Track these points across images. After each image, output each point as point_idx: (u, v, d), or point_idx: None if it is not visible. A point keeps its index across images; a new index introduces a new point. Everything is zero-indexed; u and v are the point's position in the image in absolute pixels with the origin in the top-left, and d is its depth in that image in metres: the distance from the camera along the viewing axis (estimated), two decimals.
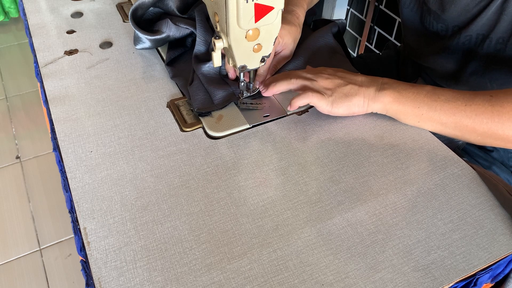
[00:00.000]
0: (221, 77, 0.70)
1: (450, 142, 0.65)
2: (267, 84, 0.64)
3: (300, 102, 0.60)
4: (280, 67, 0.71)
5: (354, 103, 0.59)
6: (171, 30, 0.73)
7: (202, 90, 0.67)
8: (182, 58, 0.75)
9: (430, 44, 0.76)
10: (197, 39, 0.72)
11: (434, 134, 0.63)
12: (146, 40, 0.74)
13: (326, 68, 0.64)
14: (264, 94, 0.65)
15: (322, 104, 0.59)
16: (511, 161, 0.75)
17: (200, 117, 0.64)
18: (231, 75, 0.69)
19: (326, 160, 0.59)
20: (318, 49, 0.75)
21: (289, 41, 0.69)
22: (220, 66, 0.70)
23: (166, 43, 0.77)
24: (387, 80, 0.60)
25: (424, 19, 0.74)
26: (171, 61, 0.74)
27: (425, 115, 0.58)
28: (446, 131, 0.58)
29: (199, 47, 0.72)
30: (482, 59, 0.69)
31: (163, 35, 0.73)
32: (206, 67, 0.69)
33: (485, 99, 0.55)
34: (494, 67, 0.68)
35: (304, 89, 0.61)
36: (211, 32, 0.74)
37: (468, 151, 0.76)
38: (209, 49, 0.72)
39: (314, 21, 0.85)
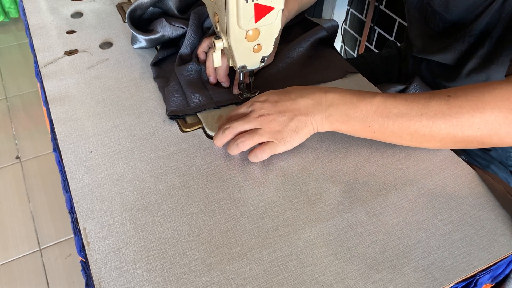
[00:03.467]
0: (201, 81, 0.69)
1: None
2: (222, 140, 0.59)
3: (257, 160, 0.57)
4: (261, 70, 0.70)
5: (303, 134, 0.56)
6: (165, 30, 0.73)
7: (179, 92, 0.66)
8: (170, 59, 0.75)
9: (434, 43, 0.76)
10: (185, 40, 0.72)
11: None
12: (142, 39, 0.74)
13: (262, 103, 0.57)
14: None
15: (277, 150, 0.56)
16: (510, 160, 0.75)
17: (200, 117, 0.64)
18: (212, 79, 0.68)
19: (326, 160, 0.58)
20: (298, 56, 0.74)
21: None
22: (201, 70, 0.69)
23: (163, 43, 0.77)
24: (331, 100, 0.55)
25: (429, 20, 0.74)
26: (160, 62, 0.74)
27: (378, 132, 0.54)
28: (403, 143, 0.55)
29: (184, 49, 0.72)
30: (482, 57, 0.69)
31: (157, 35, 0.73)
32: (187, 69, 0.68)
33: (442, 101, 0.51)
34: (491, 64, 0.68)
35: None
36: (201, 36, 0.74)
37: (466, 150, 0.76)
38: (193, 55, 0.71)
39: (302, 22, 0.85)
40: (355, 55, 1.87)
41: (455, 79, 0.74)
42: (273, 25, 0.56)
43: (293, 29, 0.82)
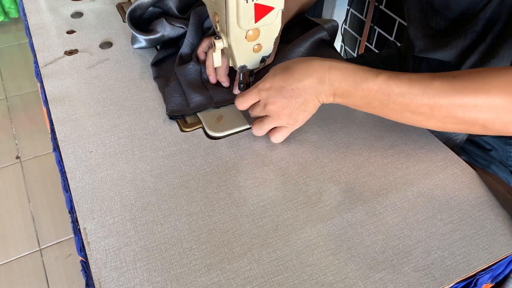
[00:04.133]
0: (201, 81, 0.69)
1: (448, 140, 0.64)
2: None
3: (276, 142, 0.60)
4: (261, 70, 0.70)
5: (313, 109, 0.57)
6: (165, 30, 0.73)
7: (179, 92, 0.66)
8: (170, 59, 0.75)
9: (436, 42, 0.76)
10: (185, 40, 0.72)
11: (433, 133, 0.63)
12: (142, 39, 0.74)
13: (268, 91, 0.57)
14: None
15: (289, 131, 0.59)
16: (510, 160, 0.75)
17: (200, 117, 0.64)
18: (212, 79, 0.68)
19: (326, 160, 0.58)
20: (298, 56, 0.74)
21: None
22: (201, 70, 0.69)
23: (163, 43, 0.77)
24: (334, 77, 0.55)
25: (430, 19, 0.74)
26: (160, 61, 0.74)
27: (378, 109, 0.54)
28: (403, 120, 0.55)
29: (185, 49, 0.72)
30: (483, 52, 0.69)
31: (157, 35, 0.73)
32: (187, 69, 0.68)
33: (446, 81, 0.50)
34: (492, 59, 0.68)
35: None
36: (201, 36, 0.74)
37: (466, 150, 0.76)
38: (193, 55, 0.71)
39: (302, 22, 0.85)
40: (355, 55, 1.87)
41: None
42: (273, 25, 0.56)
43: (293, 29, 0.82)
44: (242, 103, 0.59)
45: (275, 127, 0.59)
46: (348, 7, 1.79)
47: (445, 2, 0.69)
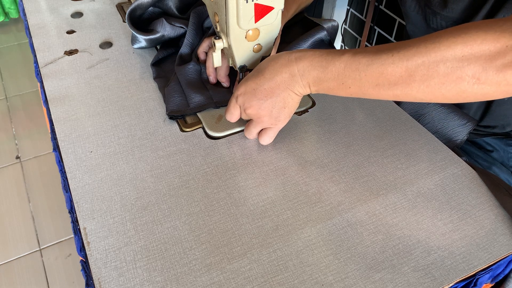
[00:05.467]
0: (201, 81, 0.69)
1: (448, 141, 0.64)
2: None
3: (265, 143, 0.60)
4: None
5: (294, 105, 0.56)
6: (165, 30, 0.73)
7: (179, 92, 0.66)
8: (170, 59, 0.75)
9: None
10: (185, 40, 0.72)
11: (434, 134, 0.63)
12: (142, 39, 0.74)
13: (240, 96, 0.57)
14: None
15: (276, 131, 0.59)
16: (511, 161, 0.75)
17: (200, 117, 0.64)
18: (212, 79, 0.68)
19: (326, 160, 0.58)
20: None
21: None
22: (201, 70, 0.69)
23: (163, 43, 0.77)
24: (302, 68, 0.53)
25: (430, 21, 0.74)
26: (160, 61, 0.74)
27: (354, 87, 0.51)
28: (382, 94, 0.50)
29: (185, 49, 0.72)
30: None
31: (157, 35, 0.73)
32: (187, 69, 0.68)
33: (418, 40, 0.46)
34: None
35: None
36: (201, 36, 0.74)
37: (467, 151, 0.76)
38: (193, 55, 0.71)
39: (302, 21, 0.85)
40: None
41: None
42: (273, 25, 0.56)
43: (293, 28, 0.82)
44: (230, 117, 0.59)
45: (262, 130, 0.59)
46: (348, 7, 1.79)
47: (443, 3, 0.69)
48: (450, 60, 0.43)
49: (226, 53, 0.61)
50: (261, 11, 0.53)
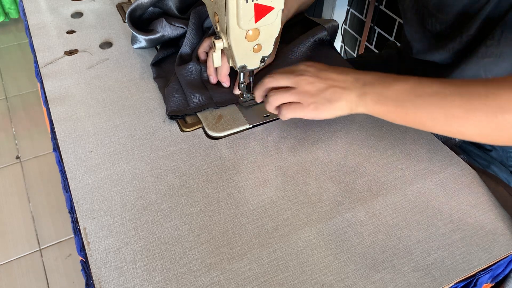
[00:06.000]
0: (201, 81, 0.69)
1: (447, 140, 0.64)
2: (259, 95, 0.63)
3: (283, 119, 0.59)
4: (263, 68, 0.70)
5: (337, 108, 0.57)
6: (165, 30, 0.73)
7: (179, 92, 0.66)
8: (170, 59, 0.75)
9: (432, 44, 0.76)
10: (185, 40, 0.72)
11: (434, 134, 0.63)
12: (142, 39, 0.74)
13: (308, 66, 0.59)
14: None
15: (304, 113, 0.57)
16: (510, 160, 0.75)
17: (200, 117, 0.64)
18: (213, 79, 0.68)
19: (326, 160, 0.58)
20: (298, 56, 0.74)
21: None
22: (201, 70, 0.69)
23: (163, 43, 0.77)
24: (370, 79, 0.55)
25: (426, 22, 0.74)
26: (160, 61, 0.74)
27: (411, 113, 0.52)
28: (437, 126, 0.52)
29: (185, 49, 0.72)
30: (480, 53, 0.68)
31: (157, 35, 0.73)
32: (187, 69, 0.68)
33: (479, 83, 0.48)
34: (488, 60, 0.67)
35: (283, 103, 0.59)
36: (201, 36, 0.74)
37: (466, 150, 0.76)
38: (193, 55, 0.71)
39: (302, 21, 0.85)
40: (355, 55, 1.87)
41: (452, 73, 0.74)
42: (273, 25, 0.56)
43: (293, 28, 0.82)
44: (272, 82, 0.59)
45: (288, 103, 0.58)
46: (348, 7, 1.79)
47: (439, 4, 0.69)
48: (508, 112, 0.46)
49: (226, 53, 0.61)
50: (261, 11, 0.53)
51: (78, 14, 0.87)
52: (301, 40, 0.75)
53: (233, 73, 0.68)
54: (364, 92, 0.55)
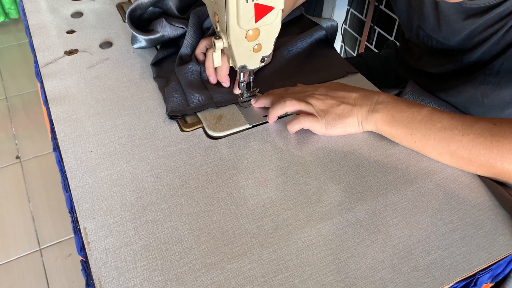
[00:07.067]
0: (201, 81, 0.69)
1: None
2: (259, 103, 0.65)
3: (295, 127, 0.60)
4: (261, 69, 0.70)
5: (348, 124, 0.58)
6: (165, 30, 0.73)
7: (179, 92, 0.66)
8: (170, 59, 0.75)
9: (431, 59, 0.75)
10: (185, 41, 0.72)
11: None
12: (142, 39, 0.74)
13: (318, 86, 0.62)
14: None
15: (316, 127, 0.59)
16: None
17: (200, 117, 0.64)
18: (212, 80, 0.68)
19: (326, 160, 0.59)
20: (298, 56, 0.74)
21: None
22: (201, 70, 0.69)
23: (163, 43, 0.77)
24: (383, 99, 0.57)
25: (425, 41, 0.73)
26: (160, 61, 0.74)
27: (418, 143, 0.56)
28: (442, 159, 0.56)
29: (184, 49, 0.72)
30: (478, 80, 0.67)
31: (157, 35, 0.73)
32: (187, 69, 0.68)
33: (486, 127, 0.51)
34: (486, 86, 0.66)
35: (298, 112, 0.61)
36: (200, 36, 0.74)
37: None
38: (193, 55, 0.71)
39: (300, 20, 0.84)
40: (355, 55, 1.87)
41: (448, 90, 0.73)
42: (273, 25, 0.56)
43: (290, 26, 0.82)
44: (291, 107, 0.61)
45: (298, 115, 0.60)
46: (348, 7, 1.79)
47: (436, 28, 0.68)
48: (507, 164, 0.50)
49: (226, 53, 0.61)
50: (261, 11, 0.53)
51: (78, 14, 0.87)
52: (300, 39, 0.75)
53: (233, 73, 0.68)
54: (375, 110, 0.57)
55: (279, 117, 0.64)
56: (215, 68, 0.67)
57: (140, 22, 0.76)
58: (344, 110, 0.58)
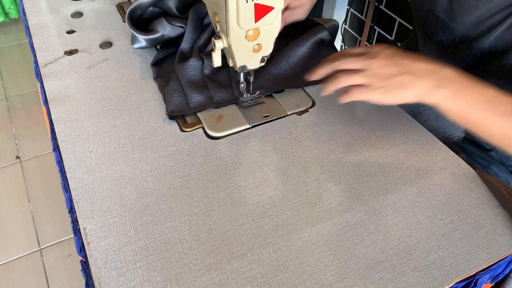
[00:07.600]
0: (202, 78, 0.68)
1: (446, 139, 0.64)
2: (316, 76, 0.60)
3: (347, 100, 0.56)
4: (261, 69, 0.70)
5: (408, 94, 0.55)
6: (165, 30, 0.73)
7: (179, 91, 0.66)
8: (170, 59, 0.75)
9: (441, 54, 0.75)
10: (185, 36, 0.72)
11: (431, 131, 0.63)
12: (142, 39, 0.74)
13: (382, 49, 0.57)
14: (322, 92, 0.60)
15: (370, 97, 0.55)
16: (510, 160, 0.75)
17: (200, 117, 0.64)
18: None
19: (326, 160, 0.58)
20: (298, 55, 0.74)
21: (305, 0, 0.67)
22: (202, 65, 0.69)
23: (163, 42, 0.77)
24: (448, 74, 0.54)
25: (428, 28, 0.73)
26: (160, 61, 0.74)
27: (475, 123, 0.54)
28: (493, 140, 0.54)
29: (185, 44, 0.72)
30: (490, 72, 0.67)
31: (157, 35, 0.73)
32: (187, 66, 0.68)
33: None
34: (499, 81, 0.66)
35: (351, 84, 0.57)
36: (200, 31, 0.74)
37: (466, 150, 0.76)
38: (194, 49, 0.71)
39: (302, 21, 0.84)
40: None
41: None
42: (273, 25, 0.56)
43: (293, 28, 0.82)
44: (342, 64, 0.56)
45: (355, 86, 0.55)
46: (348, 7, 1.79)
47: (449, 10, 0.67)
48: None
49: (226, 53, 0.61)
50: (261, 11, 0.53)
51: (78, 14, 0.87)
52: (302, 40, 0.75)
53: (233, 73, 0.68)
54: (440, 85, 0.54)
55: (276, 118, 0.64)
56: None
57: (140, 22, 0.76)
58: (406, 80, 0.54)
